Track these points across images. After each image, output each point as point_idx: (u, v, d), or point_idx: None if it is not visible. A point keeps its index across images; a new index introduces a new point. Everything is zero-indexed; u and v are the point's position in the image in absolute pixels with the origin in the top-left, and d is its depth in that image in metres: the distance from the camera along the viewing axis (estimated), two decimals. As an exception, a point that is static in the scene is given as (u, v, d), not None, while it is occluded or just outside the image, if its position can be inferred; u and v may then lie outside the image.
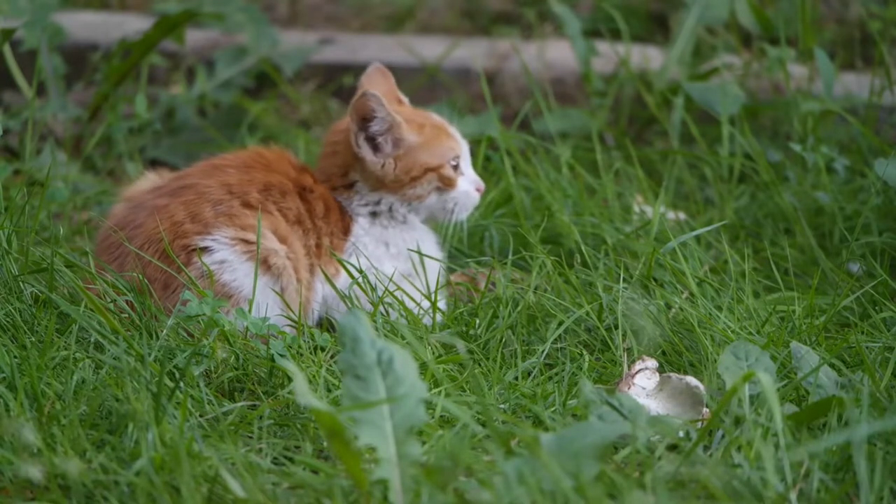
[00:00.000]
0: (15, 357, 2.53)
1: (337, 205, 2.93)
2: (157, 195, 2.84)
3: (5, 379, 2.48)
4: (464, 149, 2.98)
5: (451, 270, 3.10)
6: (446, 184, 2.94)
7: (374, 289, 2.85)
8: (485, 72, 3.99)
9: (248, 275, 2.76)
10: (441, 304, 2.91)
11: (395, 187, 2.93)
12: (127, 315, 2.70)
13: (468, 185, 2.96)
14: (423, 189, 2.94)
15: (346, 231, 2.92)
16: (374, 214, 2.94)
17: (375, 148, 2.91)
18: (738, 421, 2.36)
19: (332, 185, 2.94)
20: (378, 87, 2.98)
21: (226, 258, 2.77)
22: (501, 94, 4.15)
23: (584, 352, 2.73)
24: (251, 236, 2.78)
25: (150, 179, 2.93)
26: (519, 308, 2.81)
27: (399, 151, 2.91)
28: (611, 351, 2.73)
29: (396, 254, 2.94)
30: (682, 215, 3.36)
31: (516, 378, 2.65)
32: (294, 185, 2.89)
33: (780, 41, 3.80)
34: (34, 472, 2.22)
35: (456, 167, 2.95)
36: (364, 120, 2.90)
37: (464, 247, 3.21)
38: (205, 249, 2.76)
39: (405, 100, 3.05)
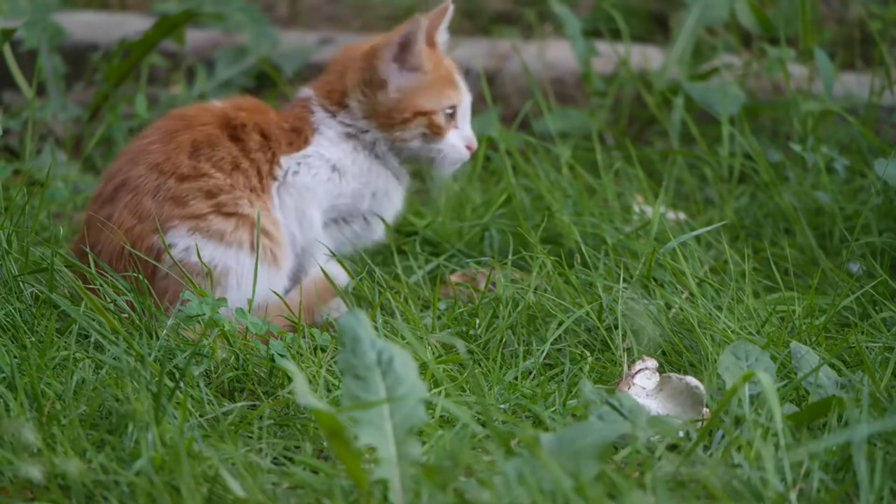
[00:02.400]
0: (15, 357, 2.53)
1: (286, 126, 2.91)
2: (100, 206, 2.84)
3: (5, 379, 2.48)
4: (464, 101, 2.95)
5: (451, 271, 3.10)
6: (434, 131, 2.92)
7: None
8: (485, 72, 3.99)
9: (215, 248, 2.78)
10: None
11: (384, 124, 2.91)
12: (127, 315, 2.70)
13: (458, 140, 2.93)
14: (409, 133, 2.91)
15: (301, 145, 2.91)
16: (349, 136, 2.93)
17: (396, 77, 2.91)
18: (738, 421, 2.36)
19: (329, 100, 2.93)
20: (428, 19, 2.97)
21: (188, 245, 2.78)
22: (501, 94, 4.15)
23: (585, 352, 2.73)
24: (202, 223, 2.78)
25: None
26: (519, 308, 2.81)
27: (406, 83, 2.90)
28: (611, 351, 2.73)
29: (358, 174, 2.92)
30: (682, 215, 3.36)
31: (516, 378, 2.65)
32: (222, 130, 2.87)
33: (780, 41, 3.80)
34: (34, 472, 2.22)
35: (451, 117, 2.93)
36: (407, 48, 2.89)
37: (464, 247, 3.21)
38: (169, 247, 2.78)
39: (442, 39, 3.02)
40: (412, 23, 2.88)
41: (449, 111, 2.92)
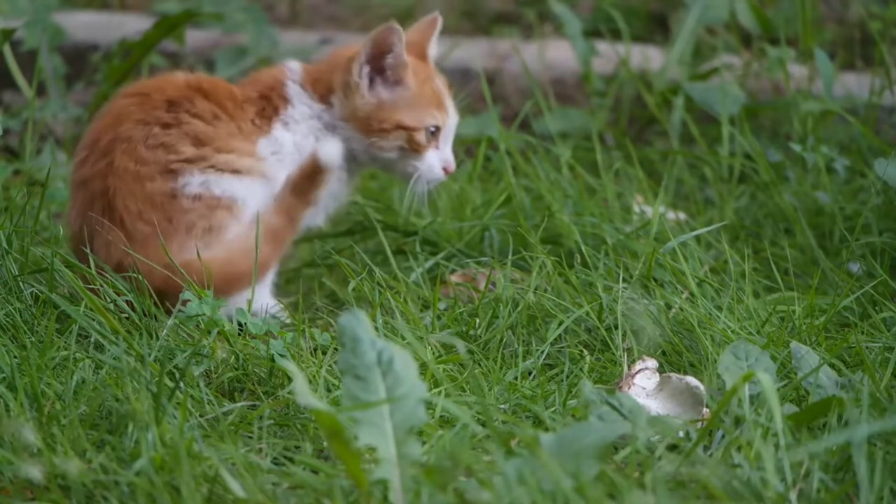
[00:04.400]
0: (15, 357, 2.53)
1: (253, 95, 2.92)
2: (96, 159, 2.84)
3: (5, 379, 2.48)
4: (449, 123, 2.94)
5: (451, 271, 3.10)
6: (413, 148, 2.91)
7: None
8: (485, 72, 3.99)
9: (234, 181, 2.81)
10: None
11: (363, 129, 2.91)
12: (127, 315, 2.70)
13: (436, 160, 2.93)
14: (387, 143, 2.91)
15: (271, 115, 2.91)
16: (323, 123, 2.93)
17: (371, 85, 2.90)
18: (738, 421, 2.35)
19: (314, 88, 2.93)
20: (414, 32, 2.97)
21: (204, 179, 2.80)
22: (501, 94, 4.15)
23: (585, 352, 2.73)
24: (211, 161, 2.81)
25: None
26: (519, 308, 2.81)
27: (388, 95, 2.90)
28: (611, 351, 2.73)
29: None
30: (682, 215, 3.36)
31: (516, 378, 2.65)
32: (193, 91, 2.87)
33: (780, 41, 3.80)
34: (34, 472, 2.22)
35: (433, 136, 2.92)
36: (381, 53, 2.89)
37: (464, 247, 3.20)
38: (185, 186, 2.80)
39: (432, 53, 3.02)
40: (385, 28, 2.88)
41: (432, 130, 2.92)
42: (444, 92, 2.96)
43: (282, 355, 2.60)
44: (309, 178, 2.87)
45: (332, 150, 2.86)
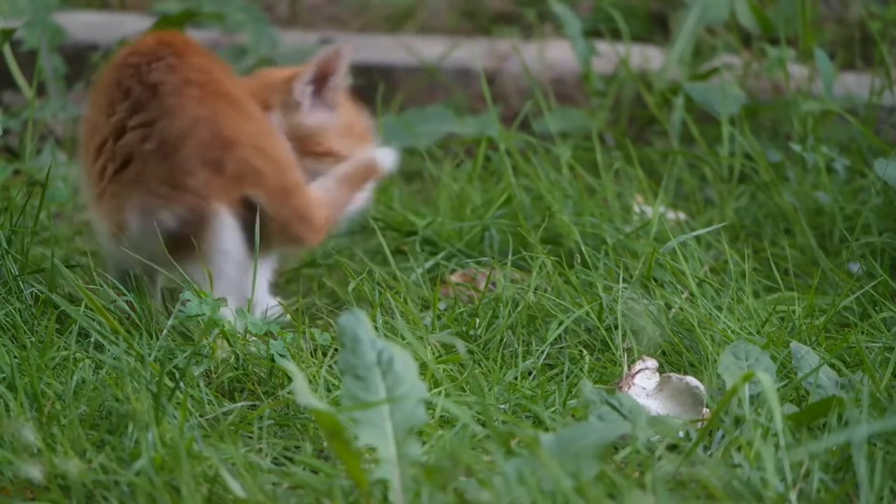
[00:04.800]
0: (15, 357, 2.53)
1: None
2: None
3: (5, 379, 2.48)
4: None
5: (451, 271, 3.10)
6: None
7: None
8: (485, 72, 3.98)
9: None
10: None
11: (298, 149, 2.88)
12: (127, 315, 2.70)
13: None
14: (318, 166, 2.90)
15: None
16: None
17: (311, 106, 2.91)
18: (738, 421, 2.36)
19: (261, 99, 2.92)
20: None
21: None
22: (501, 94, 4.15)
23: (585, 352, 2.73)
24: None
25: None
26: (519, 308, 2.81)
27: (324, 118, 2.91)
28: (611, 351, 2.73)
29: None
30: (682, 215, 3.36)
31: (516, 378, 2.65)
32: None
33: (780, 41, 3.80)
34: (34, 472, 2.22)
35: None
36: (324, 76, 2.89)
37: (464, 247, 3.21)
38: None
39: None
40: (334, 50, 2.87)
41: None
42: (370, 129, 2.98)
43: (282, 355, 2.60)
44: (359, 176, 2.88)
45: (391, 158, 2.89)
